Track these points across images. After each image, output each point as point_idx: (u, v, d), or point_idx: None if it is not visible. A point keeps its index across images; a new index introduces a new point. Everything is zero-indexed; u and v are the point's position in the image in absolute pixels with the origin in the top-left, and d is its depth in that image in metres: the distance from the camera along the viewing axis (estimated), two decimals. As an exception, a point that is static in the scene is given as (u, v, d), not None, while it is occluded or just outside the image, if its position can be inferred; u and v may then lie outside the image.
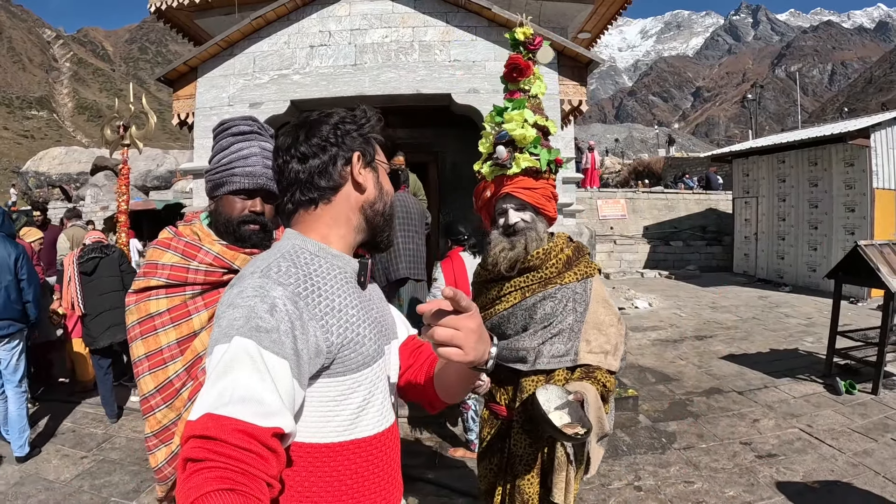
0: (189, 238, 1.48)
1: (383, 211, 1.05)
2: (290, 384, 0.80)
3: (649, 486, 3.19)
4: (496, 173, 1.80)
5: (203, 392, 0.77)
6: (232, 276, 1.47)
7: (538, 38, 1.89)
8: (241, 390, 0.74)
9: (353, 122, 1.03)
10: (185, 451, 0.71)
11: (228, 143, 1.49)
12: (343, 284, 0.96)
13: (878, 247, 4.85)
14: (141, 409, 1.48)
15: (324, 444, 0.90)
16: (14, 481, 3.38)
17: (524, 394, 1.73)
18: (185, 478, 0.69)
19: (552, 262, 1.78)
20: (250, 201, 1.47)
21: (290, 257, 0.93)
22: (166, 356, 1.42)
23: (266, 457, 0.73)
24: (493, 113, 1.88)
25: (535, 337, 1.74)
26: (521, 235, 1.77)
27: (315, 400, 0.89)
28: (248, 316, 0.81)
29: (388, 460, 0.99)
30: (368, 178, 1.03)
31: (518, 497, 1.71)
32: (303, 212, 1.01)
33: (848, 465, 3.34)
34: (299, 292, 0.87)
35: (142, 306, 1.45)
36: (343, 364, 0.91)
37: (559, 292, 1.76)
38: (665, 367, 5.58)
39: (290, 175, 1.00)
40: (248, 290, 0.85)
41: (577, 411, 1.48)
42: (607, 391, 1.66)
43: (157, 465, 1.43)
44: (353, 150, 1.01)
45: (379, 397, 0.98)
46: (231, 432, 0.71)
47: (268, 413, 0.74)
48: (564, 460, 1.66)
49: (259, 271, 0.89)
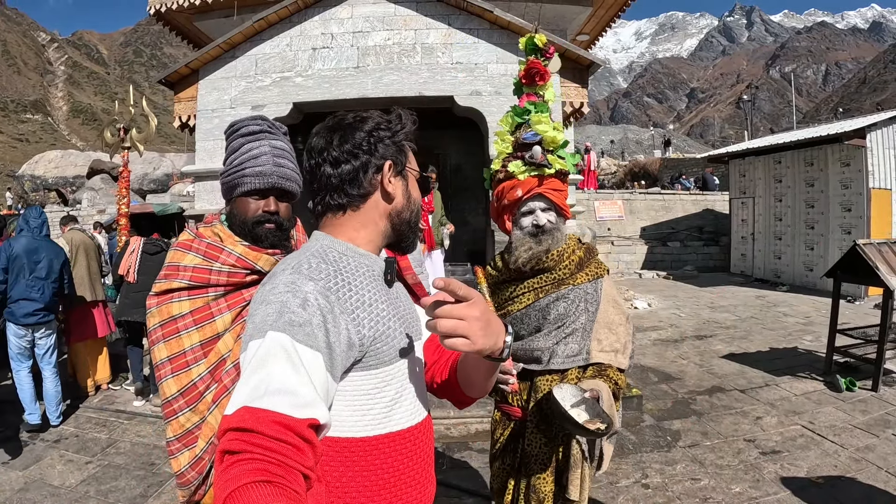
0: (211, 239, 1.47)
1: (409, 219, 1.06)
2: (324, 376, 0.81)
3: (657, 483, 3.22)
4: (530, 173, 1.80)
5: (239, 386, 0.78)
6: (255, 276, 1.46)
7: (552, 48, 1.93)
8: (277, 383, 0.75)
9: (388, 129, 1.03)
10: (223, 444, 0.72)
11: (239, 144, 1.49)
12: (371, 281, 0.97)
13: (877, 245, 4.89)
14: (163, 413, 1.45)
15: (359, 437, 0.91)
16: (19, 487, 3.36)
17: (538, 393, 1.74)
18: (223, 470, 0.69)
19: (565, 263, 1.80)
20: (263, 201, 1.47)
21: (320, 255, 0.95)
22: (189, 359, 1.40)
23: (302, 448, 0.73)
24: (513, 114, 1.89)
25: (550, 337, 1.75)
26: (548, 235, 1.78)
27: (349, 394, 0.91)
28: (280, 311, 0.82)
29: (422, 454, 1.00)
30: (398, 186, 1.04)
31: (534, 496, 1.73)
32: (331, 215, 1.02)
33: (851, 461, 3.37)
34: (330, 287, 0.89)
35: (164, 309, 1.43)
36: (376, 357, 0.92)
37: (572, 293, 1.78)
38: (667, 367, 5.61)
39: (322, 179, 1.01)
40: (280, 286, 0.87)
41: (593, 407, 1.50)
42: (618, 389, 1.68)
43: (180, 469, 1.40)
44: (384, 159, 1.01)
45: (411, 390, 0.99)
46: (268, 424, 0.72)
47: (303, 404, 0.75)
48: (580, 457, 1.68)
49: (290, 268, 0.91)
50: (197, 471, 1.39)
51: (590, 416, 1.48)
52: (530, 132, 1.80)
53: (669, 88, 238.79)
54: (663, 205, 14.67)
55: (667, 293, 10.28)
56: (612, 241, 13.67)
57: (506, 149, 1.87)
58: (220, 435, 0.74)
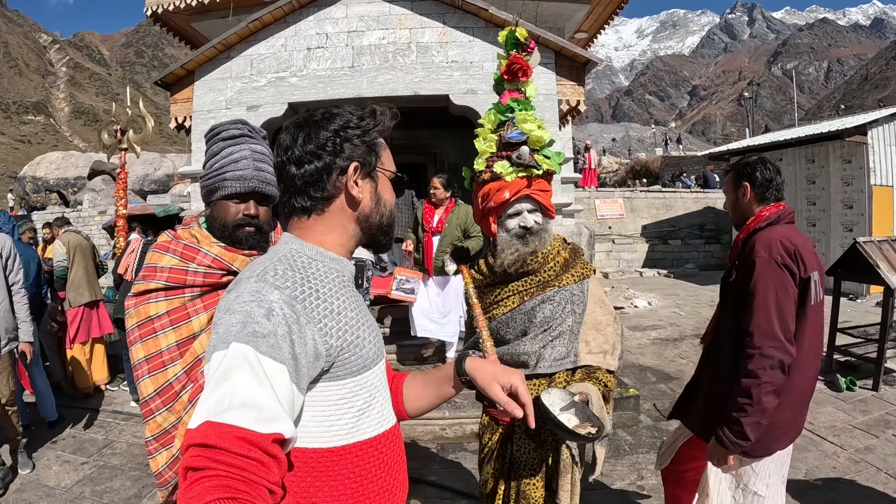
0: (187, 241, 1.49)
1: (380, 223, 1.03)
2: (289, 389, 0.79)
3: (652, 485, 3.19)
4: (518, 174, 1.76)
5: (202, 399, 0.76)
6: (231, 277, 1.47)
7: (532, 42, 1.88)
8: (240, 396, 0.74)
9: (357, 127, 0.99)
10: (186, 461, 0.70)
11: (219, 147, 1.50)
12: (341, 287, 0.95)
13: (877, 243, 4.86)
14: (141, 413, 1.47)
15: (327, 448, 0.89)
16: (15, 488, 3.36)
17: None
18: (186, 487, 0.68)
19: (550, 265, 1.77)
20: (243, 205, 1.49)
21: (287, 260, 0.92)
22: (166, 359, 1.42)
23: (267, 463, 0.72)
24: (495, 111, 1.85)
25: (536, 341, 1.73)
26: (535, 236, 1.75)
27: (316, 404, 0.88)
28: (244, 321, 0.80)
29: (391, 461, 0.98)
30: (365, 189, 1.00)
31: (523, 502, 1.70)
32: (296, 219, 1.00)
33: (850, 462, 3.34)
34: (296, 295, 0.86)
35: (141, 309, 1.44)
36: (343, 367, 0.90)
37: (557, 295, 1.75)
38: (665, 366, 5.58)
39: (287, 178, 0.98)
40: (244, 295, 0.84)
41: (583, 411, 1.47)
42: (608, 391, 1.65)
43: (158, 469, 1.42)
44: (350, 160, 0.97)
45: (380, 399, 0.98)
46: (231, 439, 0.70)
47: (267, 419, 0.74)
48: (570, 462, 1.65)
49: (255, 275, 0.88)
50: (174, 470, 1.41)
51: (580, 420, 1.45)
52: (515, 131, 1.75)
53: (671, 86, 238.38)
54: (664, 203, 14.63)
55: (667, 291, 10.24)
56: (612, 240, 13.64)
57: (489, 148, 1.83)
58: (183, 450, 0.72)
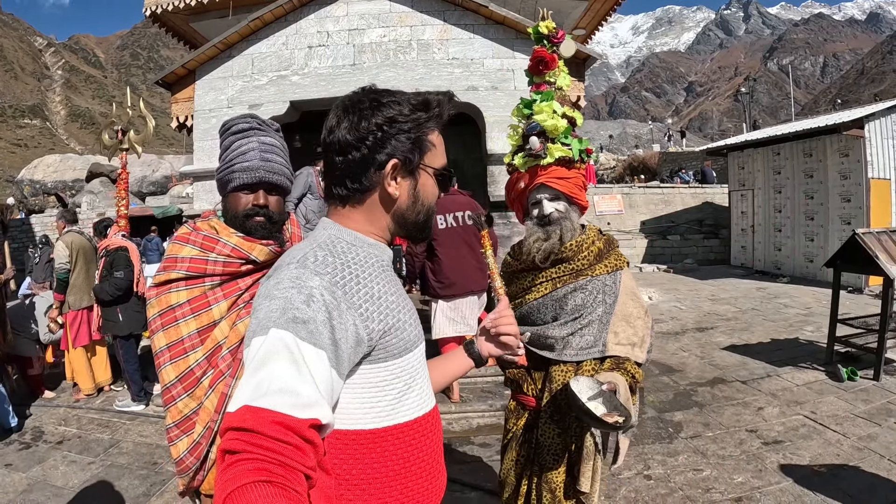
0: (207, 232, 1.52)
1: (415, 220, 1.01)
2: (328, 375, 0.80)
3: (659, 474, 3.22)
4: (530, 164, 1.79)
5: (241, 384, 0.77)
6: (250, 266, 1.51)
7: (561, 32, 1.91)
8: (279, 382, 0.74)
9: (406, 121, 0.95)
10: (224, 444, 0.71)
11: (230, 142, 1.54)
12: (380, 272, 0.96)
13: (876, 234, 4.88)
14: (162, 400, 1.50)
15: (368, 430, 0.90)
16: (22, 489, 3.36)
17: (554, 384, 1.73)
18: (223, 469, 0.69)
19: (584, 253, 1.78)
20: (252, 195, 1.52)
21: (327, 247, 0.92)
22: (187, 346, 1.45)
23: (303, 448, 0.72)
24: (521, 105, 1.89)
25: (565, 327, 1.74)
26: (556, 225, 1.76)
27: (358, 387, 0.89)
28: (284, 307, 0.81)
29: (431, 444, 0.99)
30: (403, 187, 0.98)
31: (545, 486, 1.72)
32: (335, 205, 1.00)
33: (853, 450, 3.37)
34: (336, 281, 0.86)
35: (163, 299, 1.48)
36: (385, 350, 0.91)
37: (590, 284, 1.75)
38: (668, 359, 5.61)
39: (329, 163, 0.98)
40: (284, 281, 0.85)
41: (611, 400, 1.47)
42: (636, 382, 1.65)
43: (179, 455, 1.44)
44: (391, 157, 0.95)
45: (420, 381, 0.98)
46: (268, 424, 0.71)
47: (305, 404, 0.74)
48: (593, 450, 1.66)
49: (296, 261, 0.89)
50: (195, 456, 1.43)
51: (607, 409, 1.46)
52: (532, 123, 1.79)
53: (667, 82, 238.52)
54: (662, 198, 14.66)
55: (667, 286, 10.28)
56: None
57: (516, 141, 1.87)
58: (222, 433, 0.73)
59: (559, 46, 1.90)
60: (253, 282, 1.52)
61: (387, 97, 0.97)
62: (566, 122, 1.80)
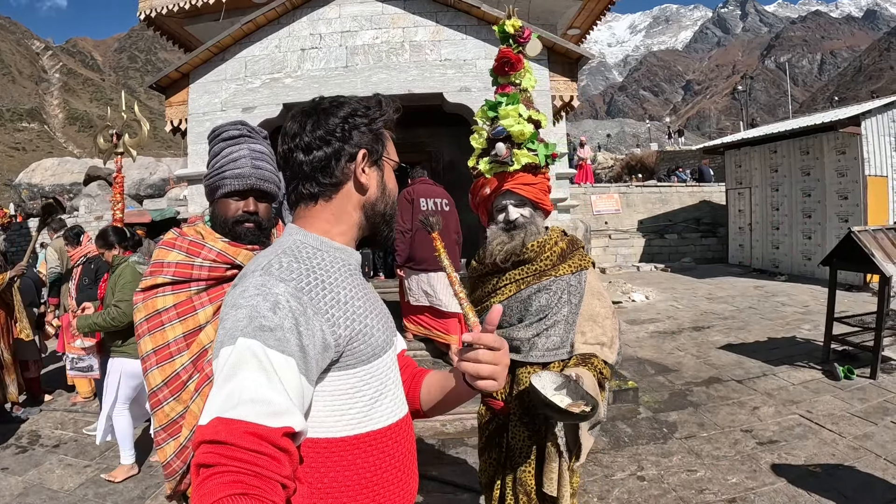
0: (193, 237, 1.54)
1: (384, 211, 1.03)
2: (298, 381, 0.79)
3: (652, 475, 3.21)
4: (496, 170, 1.80)
5: (211, 396, 0.76)
6: (235, 271, 1.52)
7: (527, 31, 1.89)
8: (249, 392, 0.73)
9: (365, 115, 0.99)
10: (197, 457, 0.70)
11: (220, 148, 1.55)
12: (347, 276, 0.95)
13: (872, 232, 4.88)
14: (149, 404, 1.51)
15: (339, 438, 0.89)
16: (18, 492, 3.37)
17: (520, 386, 1.73)
18: (199, 484, 0.68)
19: (546, 254, 1.79)
20: (243, 202, 1.54)
21: (292, 252, 0.92)
22: (173, 350, 1.46)
23: (278, 457, 0.72)
24: (485, 108, 1.87)
25: (530, 328, 1.75)
26: (520, 230, 1.78)
27: (327, 395, 0.88)
28: (251, 315, 0.80)
29: (403, 451, 0.98)
30: (372, 177, 1.01)
31: (521, 488, 1.72)
32: (303, 205, 1.00)
33: (849, 449, 3.37)
34: (302, 287, 0.86)
35: (149, 303, 1.49)
36: (353, 356, 0.90)
37: (554, 284, 1.76)
38: (664, 359, 5.60)
39: (294, 166, 0.98)
40: (250, 289, 0.84)
41: (576, 390, 1.46)
42: (603, 378, 1.65)
43: (166, 459, 1.45)
44: (359, 147, 0.98)
45: (391, 388, 0.98)
46: (241, 435, 0.70)
47: (277, 413, 0.73)
48: (554, 452, 1.66)
49: (260, 269, 0.88)
50: (182, 459, 1.44)
51: (573, 399, 1.45)
52: (498, 127, 1.78)
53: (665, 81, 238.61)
54: (660, 197, 14.66)
55: (665, 285, 10.28)
56: (609, 235, 13.67)
57: (481, 144, 1.86)
58: (195, 446, 0.72)
59: (525, 46, 1.89)
60: None
61: (342, 98, 1.02)
62: (532, 126, 1.79)
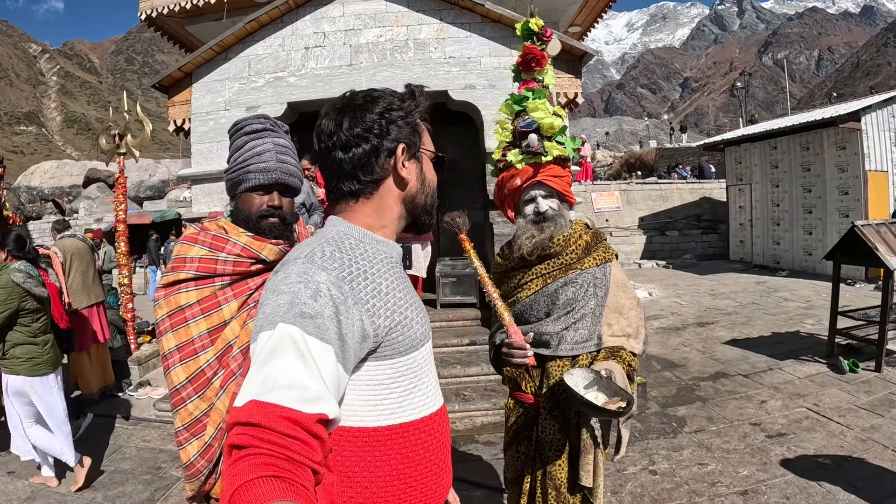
0: (216, 231, 1.51)
1: (424, 203, 1.04)
2: (335, 369, 0.80)
3: (664, 469, 3.22)
4: (527, 161, 1.80)
5: (248, 379, 0.76)
6: (260, 265, 1.50)
7: (549, 31, 1.92)
8: (286, 377, 0.74)
9: (400, 109, 0.98)
10: (231, 438, 0.71)
11: (243, 142, 1.53)
12: (388, 269, 0.96)
13: (875, 226, 4.89)
14: (171, 403, 1.48)
15: (372, 427, 0.90)
16: (25, 496, 3.35)
17: (551, 379, 1.73)
18: (230, 464, 0.69)
19: (572, 247, 1.79)
20: (267, 196, 1.52)
21: (335, 242, 0.92)
22: (197, 346, 1.44)
23: (310, 443, 0.72)
24: (510, 101, 1.89)
25: (559, 322, 1.74)
26: (550, 222, 1.77)
27: (363, 384, 0.89)
28: (291, 302, 0.81)
29: (437, 443, 0.98)
30: (412, 170, 1.00)
31: (550, 482, 1.72)
32: (344, 203, 1.00)
33: (857, 441, 3.38)
34: (343, 276, 0.86)
35: (172, 300, 1.47)
36: (391, 347, 0.90)
37: (580, 277, 1.76)
38: (670, 354, 5.61)
39: (333, 164, 0.98)
40: (292, 276, 0.85)
41: (609, 386, 1.47)
42: (632, 370, 1.66)
43: (189, 459, 1.41)
44: (397, 142, 0.97)
45: (426, 380, 0.98)
46: (275, 419, 0.70)
47: (312, 399, 0.74)
48: (591, 443, 1.66)
49: (303, 256, 0.89)
50: (207, 458, 1.41)
51: (607, 395, 1.46)
52: (528, 119, 1.80)
53: (663, 79, 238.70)
54: (660, 194, 14.67)
55: (667, 282, 10.29)
56: (610, 232, 13.67)
57: (506, 137, 1.87)
58: (228, 428, 0.73)
59: (547, 45, 1.91)
60: (263, 281, 1.50)
61: (376, 92, 1.01)
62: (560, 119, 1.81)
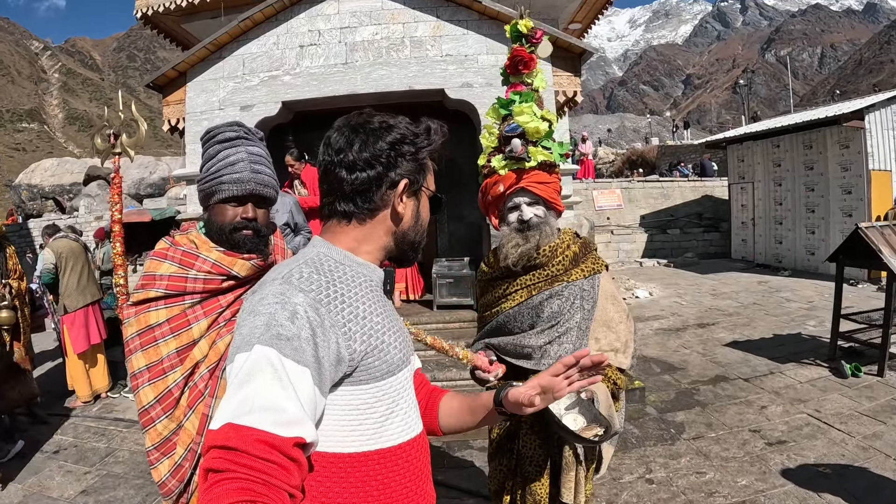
0: (186, 247, 1.46)
1: (413, 240, 1.03)
2: (312, 392, 0.79)
3: (661, 478, 3.17)
4: (511, 167, 1.75)
5: (224, 401, 0.76)
6: (231, 282, 1.46)
7: (539, 32, 1.86)
8: (262, 399, 0.73)
9: (412, 143, 0.98)
10: (206, 462, 0.70)
11: (215, 150, 1.48)
12: (368, 292, 0.94)
13: (879, 228, 4.82)
14: (141, 423, 1.45)
15: (348, 453, 0.88)
16: (18, 500, 3.33)
17: None
18: (206, 489, 0.68)
19: (559, 258, 1.74)
20: (241, 208, 1.46)
21: (314, 264, 0.91)
22: (166, 366, 1.41)
23: (288, 467, 0.72)
24: (497, 105, 1.83)
25: (542, 335, 1.70)
26: (535, 230, 1.72)
27: (338, 409, 0.88)
28: (268, 323, 0.80)
29: (415, 470, 0.96)
30: (409, 206, 1.00)
31: (529, 498, 1.68)
32: (335, 221, 0.99)
33: (858, 449, 3.32)
34: (321, 299, 0.85)
35: (141, 318, 1.43)
36: (367, 372, 0.89)
37: (566, 290, 1.71)
38: (669, 357, 5.55)
39: (334, 181, 0.97)
40: (269, 297, 0.84)
41: (589, 410, 1.43)
42: (618, 389, 1.62)
43: (161, 478, 1.40)
44: (402, 176, 0.97)
45: (404, 406, 0.96)
46: (252, 442, 0.70)
47: (289, 422, 0.73)
48: (573, 460, 1.63)
49: (281, 277, 0.88)
50: (178, 479, 1.39)
51: (587, 419, 1.41)
52: (512, 124, 1.74)
53: (665, 75, 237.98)
54: (662, 192, 14.60)
55: (668, 281, 10.23)
56: (611, 231, 13.61)
57: (492, 142, 1.82)
58: (204, 451, 0.72)
59: (537, 47, 1.85)
60: (234, 298, 1.46)
61: (393, 120, 0.99)
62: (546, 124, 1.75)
